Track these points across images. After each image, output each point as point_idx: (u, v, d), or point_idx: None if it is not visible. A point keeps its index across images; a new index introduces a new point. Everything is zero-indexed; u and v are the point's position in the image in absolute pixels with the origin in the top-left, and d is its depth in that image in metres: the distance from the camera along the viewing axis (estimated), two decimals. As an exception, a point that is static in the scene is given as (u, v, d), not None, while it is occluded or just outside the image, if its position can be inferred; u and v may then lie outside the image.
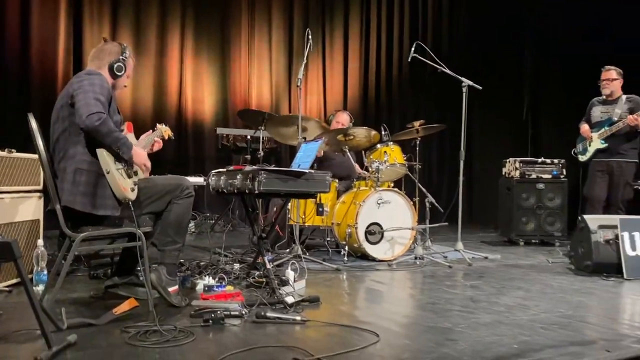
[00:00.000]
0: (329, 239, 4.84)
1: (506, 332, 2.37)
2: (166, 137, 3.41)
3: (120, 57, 2.82)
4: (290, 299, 2.74)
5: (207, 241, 5.14)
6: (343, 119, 5.17)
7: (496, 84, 8.22)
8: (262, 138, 5.04)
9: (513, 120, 8.28)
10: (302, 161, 3.22)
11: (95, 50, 2.89)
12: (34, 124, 2.60)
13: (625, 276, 3.76)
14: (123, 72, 2.82)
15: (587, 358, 2.01)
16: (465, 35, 8.74)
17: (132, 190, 2.69)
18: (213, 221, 6.47)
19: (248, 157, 6.45)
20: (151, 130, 3.32)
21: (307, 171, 2.85)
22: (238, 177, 2.99)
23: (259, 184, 2.74)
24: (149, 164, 2.86)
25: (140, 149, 2.87)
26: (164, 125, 3.44)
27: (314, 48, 7.74)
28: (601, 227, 3.99)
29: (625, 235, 3.87)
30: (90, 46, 6.46)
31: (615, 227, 3.92)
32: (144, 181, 2.85)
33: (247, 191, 2.88)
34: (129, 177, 2.71)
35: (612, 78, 5.01)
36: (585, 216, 4.14)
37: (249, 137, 6.49)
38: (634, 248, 3.86)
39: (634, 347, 2.17)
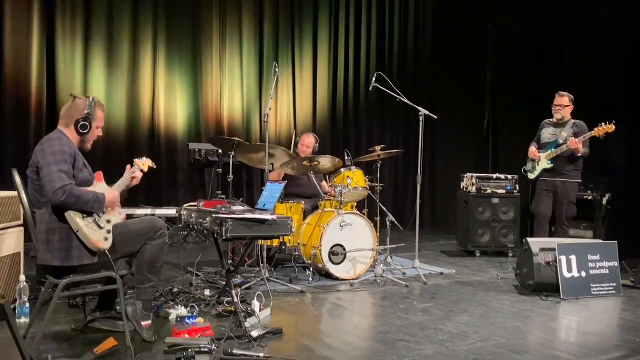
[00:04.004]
0: (296, 253, 5.08)
1: (443, 366, 2.72)
2: (146, 170, 3.54)
3: (86, 113, 2.94)
4: (255, 333, 3.04)
5: (179, 254, 5.24)
6: (308, 142, 5.43)
7: (461, 98, 8.53)
8: (232, 161, 5.27)
9: (476, 134, 8.62)
10: (267, 201, 3.51)
11: (64, 108, 3.02)
12: (18, 179, 2.83)
13: (562, 296, 4.18)
14: (88, 129, 2.96)
15: (506, 394, 2.36)
16: (431, 51, 9.06)
17: (106, 239, 2.87)
18: (186, 232, 6.69)
19: (220, 170, 6.67)
20: (129, 166, 3.28)
21: (270, 218, 3.13)
22: (208, 219, 3.25)
23: (227, 231, 3.02)
24: (119, 206, 3.05)
25: (112, 193, 3.01)
26: (143, 159, 3.53)
27: (284, 63, 7.98)
28: (542, 250, 4.39)
29: (563, 258, 4.28)
30: (63, 63, 6.57)
31: (554, 250, 4.33)
32: (119, 227, 3.00)
33: (215, 235, 3.15)
34: (101, 227, 2.88)
35: (564, 105, 5.34)
36: (529, 239, 4.52)
37: (220, 151, 6.70)
38: (570, 270, 4.27)
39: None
